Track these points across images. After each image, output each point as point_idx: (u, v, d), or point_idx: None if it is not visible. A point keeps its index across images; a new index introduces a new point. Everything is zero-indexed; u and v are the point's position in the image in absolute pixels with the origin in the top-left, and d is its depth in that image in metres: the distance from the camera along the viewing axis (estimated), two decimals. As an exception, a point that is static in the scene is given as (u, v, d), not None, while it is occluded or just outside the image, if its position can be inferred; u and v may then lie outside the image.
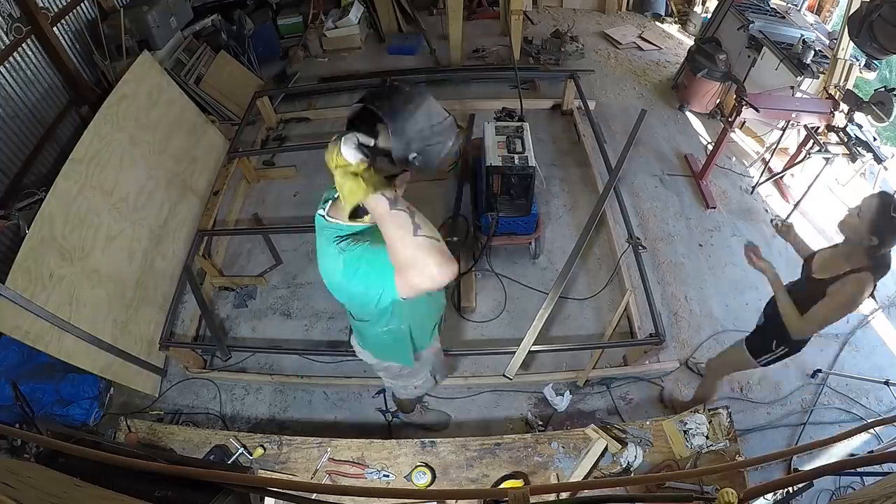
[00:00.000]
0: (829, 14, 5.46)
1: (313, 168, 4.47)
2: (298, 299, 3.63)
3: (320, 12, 5.89)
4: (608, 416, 3.00)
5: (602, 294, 3.48)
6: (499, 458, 2.40)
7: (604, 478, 2.28)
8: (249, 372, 3.29)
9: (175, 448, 2.50)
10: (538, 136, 4.21)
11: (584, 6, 6.46)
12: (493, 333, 3.36)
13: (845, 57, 3.97)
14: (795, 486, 2.09)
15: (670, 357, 3.21)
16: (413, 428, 2.99)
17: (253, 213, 4.18)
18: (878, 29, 3.27)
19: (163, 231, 3.61)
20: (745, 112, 3.66)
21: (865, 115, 3.59)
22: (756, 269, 2.28)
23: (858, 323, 3.38)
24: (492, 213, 3.28)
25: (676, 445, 2.35)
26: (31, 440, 2.39)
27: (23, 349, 2.98)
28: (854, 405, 3.02)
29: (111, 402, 3.22)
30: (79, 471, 1.04)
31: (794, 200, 3.77)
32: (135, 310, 3.24)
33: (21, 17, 3.72)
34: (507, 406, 3.08)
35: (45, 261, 2.69)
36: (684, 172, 4.33)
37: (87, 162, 3.08)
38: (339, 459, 2.43)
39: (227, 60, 5.05)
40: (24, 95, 3.88)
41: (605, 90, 5.13)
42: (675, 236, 3.85)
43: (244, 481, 1.10)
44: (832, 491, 2.60)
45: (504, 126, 3.34)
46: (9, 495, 0.76)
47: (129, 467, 1.00)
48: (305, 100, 5.20)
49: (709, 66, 4.47)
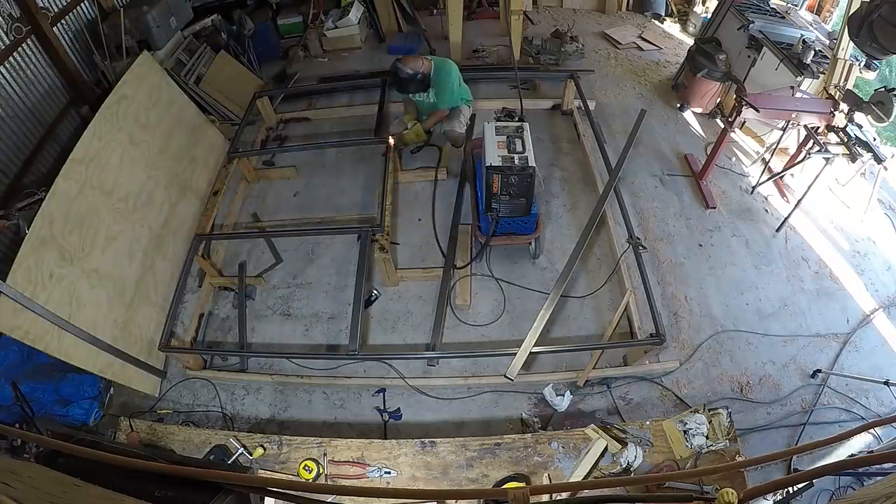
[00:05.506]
0: (829, 14, 5.46)
1: (313, 168, 4.47)
2: (298, 299, 3.63)
3: (320, 12, 5.90)
4: (608, 416, 2.99)
5: (602, 294, 3.48)
6: (499, 458, 2.40)
7: (604, 478, 2.28)
8: (249, 372, 3.29)
9: (175, 448, 2.51)
10: (538, 136, 4.21)
11: (584, 6, 6.46)
12: (493, 334, 3.36)
13: (845, 57, 3.97)
14: (795, 486, 2.10)
15: (670, 357, 3.21)
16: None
17: (252, 213, 4.18)
18: (878, 29, 3.27)
19: (163, 231, 3.61)
20: (745, 112, 3.66)
21: (865, 115, 3.59)
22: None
23: (858, 323, 3.38)
24: (492, 213, 3.29)
25: (676, 445, 2.35)
26: (31, 440, 2.40)
27: (23, 349, 2.98)
28: (854, 405, 3.02)
29: (111, 402, 3.22)
30: (79, 471, 1.04)
31: (794, 200, 3.77)
32: (135, 310, 3.24)
33: (21, 17, 3.73)
34: (507, 406, 3.08)
35: (45, 261, 2.69)
36: (684, 172, 4.33)
37: (87, 162, 3.08)
38: (339, 460, 2.43)
39: (227, 60, 5.05)
40: (24, 95, 3.88)
41: (605, 90, 5.13)
42: (675, 236, 3.85)
43: (244, 481, 1.10)
44: (832, 491, 2.60)
45: (504, 126, 3.34)
46: (9, 495, 0.76)
47: (129, 467, 1.00)
48: (305, 100, 5.20)
49: (709, 66, 4.46)
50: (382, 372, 3.20)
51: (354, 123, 4.81)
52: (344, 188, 4.28)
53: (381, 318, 3.49)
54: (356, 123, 4.79)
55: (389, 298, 3.58)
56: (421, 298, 3.54)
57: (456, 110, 3.91)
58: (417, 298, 3.55)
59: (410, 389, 3.13)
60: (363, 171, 4.34)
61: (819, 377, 3.10)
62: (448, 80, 3.75)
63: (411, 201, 4.15)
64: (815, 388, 3.08)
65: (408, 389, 3.14)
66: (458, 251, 3.65)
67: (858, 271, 3.66)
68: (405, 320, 3.46)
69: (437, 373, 3.22)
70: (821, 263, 3.70)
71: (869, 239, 3.87)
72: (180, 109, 4.01)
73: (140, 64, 3.64)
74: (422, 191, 4.20)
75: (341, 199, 4.19)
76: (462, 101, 3.93)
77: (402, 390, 3.15)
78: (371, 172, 4.23)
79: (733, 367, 3.18)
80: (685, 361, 3.20)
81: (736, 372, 3.16)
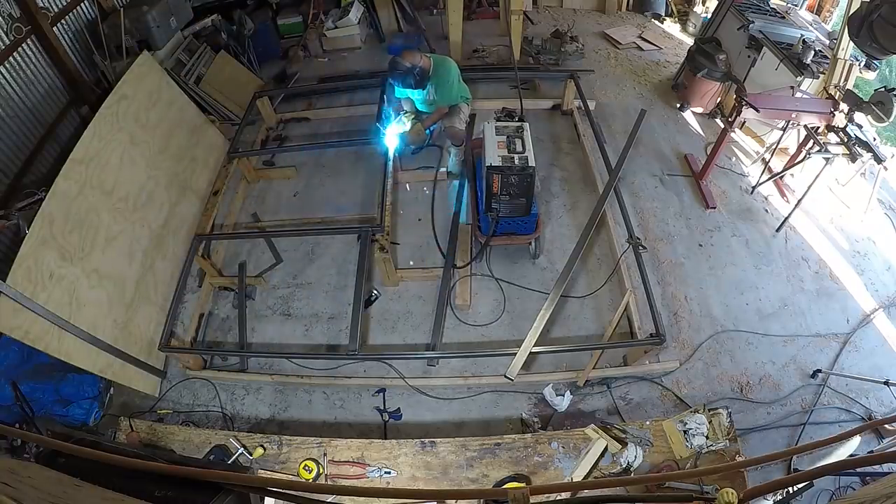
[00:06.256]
0: (829, 14, 5.46)
1: (313, 168, 4.47)
2: (298, 299, 3.63)
3: (320, 12, 5.89)
4: (608, 416, 3.00)
5: (602, 294, 3.48)
6: (499, 458, 2.40)
7: (604, 478, 2.28)
8: (249, 372, 3.29)
9: (175, 448, 2.51)
10: (538, 136, 4.21)
11: (584, 6, 6.45)
12: (493, 334, 3.36)
13: (845, 57, 3.97)
14: (795, 486, 2.09)
15: (670, 357, 3.21)
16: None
17: (252, 213, 4.18)
18: (878, 29, 3.27)
19: (163, 231, 3.61)
20: (745, 112, 3.66)
21: (865, 115, 3.59)
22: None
23: (858, 323, 3.38)
24: (492, 213, 3.29)
25: (676, 445, 2.35)
26: (31, 440, 2.39)
27: (23, 349, 2.98)
28: (854, 405, 3.02)
29: (111, 402, 3.22)
30: (79, 471, 1.04)
31: (794, 200, 3.77)
32: (135, 310, 3.24)
33: (21, 17, 3.72)
34: (507, 406, 3.08)
35: (45, 261, 2.69)
36: (684, 172, 4.33)
37: (87, 162, 3.08)
38: (339, 460, 2.43)
39: (227, 60, 5.05)
40: (24, 95, 3.88)
41: (605, 90, 5.13)
42: (675, 236, 3.85)
43: (244, 481, 1.10)
44: (832, 491, 2.60)
45: (504, 126, 3.34)
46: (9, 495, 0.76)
47: (129, 467, 1.00)
48: (305, 100, 5.20)
49: (709, 66, 4.46)
50: (382, 372, 3.20)
51: (354, 123, 4.81)
52: (344, 188, 4.28)
53: (381, 318, 3.49)
54: (356, 123, 4.79)
55: (389, 298, 3.58)
56: (421, 298, 3.54)
57: (455, 108, 3.92)
58: (417, 298, 3.55)
59: (410, 389, 3.14)
60: (363, 171, 4.34)
61: (819, 377, 3.10)
62: (448, 77, 3.75)
63: (411, 201, 4.15)
64: (815, 388, 3.09)
65: (408, 389, 3.14)
66: (458, 251, 3.65)
67: (858, 271, 3.66)
68: (405, 320, 3.46)
69: (437, 373, 3.22)
70: (821, 263, 3.70)
71: (869, 239, 3.87)
72: (180, 109, 4.00)
73: (140, 64, 3.64)
74: (422, 190, 4.20)
75: (341, 199, 4.19)
76: (461, 100, 3.94)
77: (402, 390, 3.15)
78: (371, 172, 4.23)
79: (733, 367, 3.18)
80: (685, 361, 3.20)
81: (736, 372, 3.16)
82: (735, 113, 3.75)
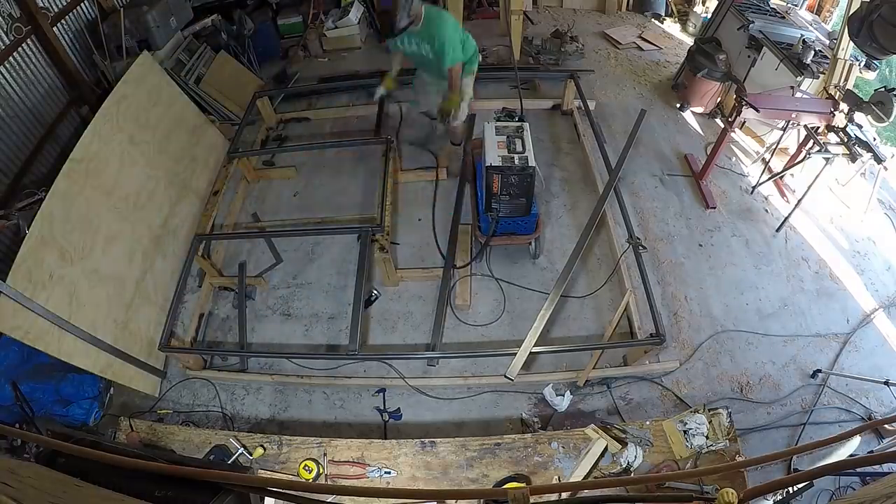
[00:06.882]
0: (829, 14, 5.46)
1: (313, 168, 4.47)
2: (298, 299, 3.63)
3: (320, 12, 5.90)
4: (608, 416, 3.00)
5: (602, 294, 3.48)
6: (499, 458, 2.40)
7: (604, 478, 2.28)
8: (249, 372, 3.29)
9: (175, 448, 2.51)
10: (538, 136, 4.21)
11: (584, 6, 6.45)
12: (493, 334, 3.36)
13: (845, 57, 3.97)
14: (795, 486, 2.09)
15: (670, 357, 3.21)
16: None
17: (252, 213, 4.18)
18: (878, 29, 3.27)
19: (163, 231, 3.61)
20: (745, 112, 3.66)
21: (865, 115, 3.59)
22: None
23: (858, 323, 3.38)
24: (492, 213, 3.29)
25: (676, 445, 2.35)
26: (31, 440, 2.40)
27: (23, 349, 2.98)
28: (854, 405, 3.02)
29: (111, 402, 3.22)
30: (79, 471, 1.04)
31: (794, 200, 3.77)
32: (135, 310, 3.24)
33: (21, 17, 3.73)
34: (507, 406, 3.08)
35: (45, 261, 2.69)
36: (684, 172, 4.33)
37: (87, 162, 3.08)
38: (339, 460, 2.43)
39: (227, 60, 5.05)
40: (24, 95, 3.88)
41: (605, 90, 5.13)
42: (675, 236, 3.85)
43: (244, 481, 1.10)
44: (832, 491, 2.60)
45: (504, 126, 3.34)
46: (9, 495, 0.76)
47: (129, 467, 1.00)
48: (305, 100, 5.20)
49: (709, 66, 4.46)
50: (382, 372, 3.20)
51: (354, 123, 4.81)
52: (344, 188, 4.28)
53: (381, 318, 3.49)
54: (356, 123, 4.80)
55: (389, 298, 3.58)
56: (421, 298, 3.54)
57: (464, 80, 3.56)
58: (417, 298, 3.55)
59: (410, 389, 3.14)
60: (363, 171, 4.34)
61: (819, 377, 3.10)
62: (445, 28, 3.26)
63: (411, 201, 4.15)
64: (815, 388, 3.08)
65: (408, 389, 3.14)
66: (458, 251, 3.65)
67: (858, 271, 3.66)
68: (405, 320, 3.46)
69: (437, 373, 3.22)
70: (821, 263, 3.70)
71: (869, 239, 3.87)
72: (180, 109, 4.00)
73: (140, 64, 3.64)
74: (422, 190, 4.20)
75: (341, 199, 4.19)
76: (468, 72, 3.55)
77: (402, 390, 3.15)
78: (371, 172, 4.23)
79: (733, 367, 3.18)
80: (685, 361, 3.20)
81: (736, 372, 3.16)
82: (735, 113, 3.75)
